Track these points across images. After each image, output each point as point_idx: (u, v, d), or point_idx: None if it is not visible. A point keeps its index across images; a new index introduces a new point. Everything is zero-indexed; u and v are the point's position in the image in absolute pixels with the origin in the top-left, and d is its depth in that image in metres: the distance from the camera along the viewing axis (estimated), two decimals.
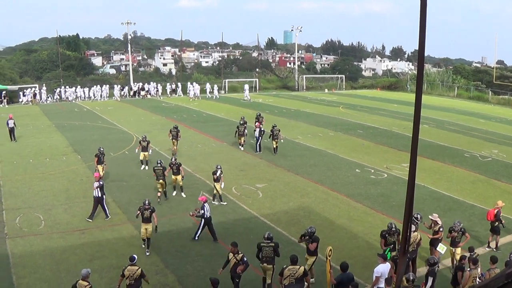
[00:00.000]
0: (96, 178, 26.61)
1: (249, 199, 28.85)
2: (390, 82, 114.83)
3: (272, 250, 18.04)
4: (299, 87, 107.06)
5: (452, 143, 45.02)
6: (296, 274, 16.04)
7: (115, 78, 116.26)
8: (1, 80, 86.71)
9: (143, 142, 35.13)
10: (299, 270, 16.13)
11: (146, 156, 35.17)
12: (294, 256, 16.51)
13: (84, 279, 15.99)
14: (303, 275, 16.17)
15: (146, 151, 35.17)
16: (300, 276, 16.08)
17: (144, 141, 35.14)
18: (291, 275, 16.00)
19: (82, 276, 16.09)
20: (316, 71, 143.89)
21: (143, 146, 35.05)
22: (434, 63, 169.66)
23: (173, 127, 40.51)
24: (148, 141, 35.43)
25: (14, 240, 22.95)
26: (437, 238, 20.15)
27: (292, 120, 58.19)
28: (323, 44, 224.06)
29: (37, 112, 68.19)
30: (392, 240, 18.81)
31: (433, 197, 29.31)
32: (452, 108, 73.79)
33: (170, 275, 19.23)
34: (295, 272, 16.05)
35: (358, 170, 35.22)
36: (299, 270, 16.13)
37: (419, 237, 19.49)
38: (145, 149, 35.10)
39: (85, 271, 16.27)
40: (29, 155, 39.72)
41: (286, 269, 16.12)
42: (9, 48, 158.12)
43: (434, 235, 20.28)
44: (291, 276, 15.99)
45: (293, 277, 15.98)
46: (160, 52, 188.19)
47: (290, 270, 16.09)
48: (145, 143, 35.06)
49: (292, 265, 16.25)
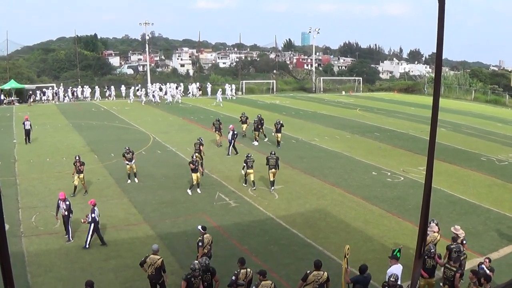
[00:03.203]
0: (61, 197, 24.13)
1: (265, 201, 28.88)
2: (408, 84, 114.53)
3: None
4: (316, 89, 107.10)
5: (469, 146, 44.84)
6: (320, 280, 15.60)
7: (133, 78, 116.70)
8: (19, 79, 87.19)
9: (127, 154, 32.89)
10: (323, 276, 15.68)
11: (133, 168, 33.01)
12: (318, 261, 16.01)
13: (155, 253, 17.35)
14: (326, 280, 15.76)
15: (130, 161, 32.82)
16: (323, 282, 15.67)
17: (128, 153, 32.97)
18: (315, 281, 15.54)
19: (153, 251, 17.42)
20: (334, 73, 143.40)
21: (128, 158, 32.78)
22: (451, 66, 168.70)
23: (216, 119, 42.85)
24: (133, 152, 33.26)
25: (30, 238, 23.13)
26: None
27: (309, 122, 58.23)
28: (340, 46, 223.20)
29: (55, 111, 68.62)
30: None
31: (449, 200, 29.18)
32: (469, 111, 73.47)
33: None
34: (319, 277, 15.60)
35: (375, 172, 35.16)
36: (323, 276, 15.68)
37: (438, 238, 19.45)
38: (130, 161, 32.85)
39: (156, 246, 17.77)
40: (46, 154, 39.97)
41: (311, 275, 15.62)
42: (27, 47, 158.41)
43: None
44: (315, 282, 15.53)
45: (317, 282, 15.51)
46: (177, 53, 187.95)
47: (315, 276, 15.61)
48: (130, 154, 32.91)
49: (316, 270, 15.76)
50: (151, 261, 17.13)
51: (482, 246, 20.80)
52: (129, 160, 32.49)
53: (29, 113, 55.60)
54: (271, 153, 32.11)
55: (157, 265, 17.07)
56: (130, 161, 32.55)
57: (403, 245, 19.37)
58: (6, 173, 32.43)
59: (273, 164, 31.10)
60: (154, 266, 17.06)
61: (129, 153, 32.53)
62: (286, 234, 23.79)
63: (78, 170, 29.29)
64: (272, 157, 31.46)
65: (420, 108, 72.94)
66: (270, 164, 31.15)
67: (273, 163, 31.13)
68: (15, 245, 21.71)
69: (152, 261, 17.11)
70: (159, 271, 17.17)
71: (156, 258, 17.23)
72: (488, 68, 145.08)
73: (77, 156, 30.20)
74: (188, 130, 52.29)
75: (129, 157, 32.45)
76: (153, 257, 17.24)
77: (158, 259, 17.20)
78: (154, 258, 17.23)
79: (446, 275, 17.54)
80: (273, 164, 31.10)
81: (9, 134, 49.13)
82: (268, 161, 31.33)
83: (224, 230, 24.28)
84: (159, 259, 17.25)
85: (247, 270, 16.36)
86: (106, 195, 29.58)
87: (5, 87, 79.47)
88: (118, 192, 30.42)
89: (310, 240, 22.89)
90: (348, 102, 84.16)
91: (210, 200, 28.70)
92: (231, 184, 31.97)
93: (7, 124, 55.19)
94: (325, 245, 22.30)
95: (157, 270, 17.13)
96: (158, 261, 17.14)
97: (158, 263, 17.11)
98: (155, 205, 27.82)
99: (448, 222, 24.50)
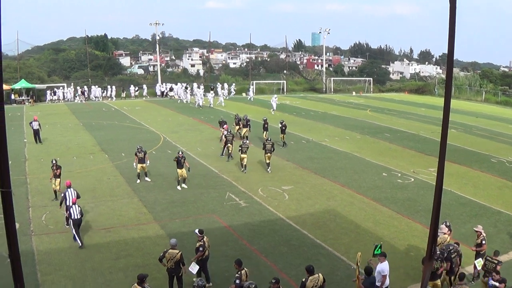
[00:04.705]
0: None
1: (275, 201, 28.82)
2: (418, 85, 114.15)
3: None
4: (326, 90, 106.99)
5: (479, 148, 44.63)
6: (318, 283, 15.60)
7: (143, 78, 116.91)
8: (30, 79, 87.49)
9: (139, 153, 32.64)
10: (320, 279, 15.69)
11: (144, 168, 32.88)
12: (310, 266, 15.91)
13: (173, 248, 17.71)
14: (323, 282, 15.78)
15: (143, 162, 32.72)
16: (322, 284, 15.68)
17: (140, 152, 32.72)
18: (314, 286, 15.52)
19: (171, 245, 17.80)
20: (344, 74, 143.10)
21: (140, 157, 32.55)
22: (462, 67, 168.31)
23: (243, 117, 44.65)
24: (145, 152, 33.04)
25: (40, 237, 23.20)
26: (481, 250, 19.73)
27: (319, 123, 58.15)
28: (351, 47, 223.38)
29: (65, 111, 68.87)
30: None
31: (459, 202, 29.05)
32: (480, 112, 73.16)
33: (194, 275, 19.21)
34: (317, 281, 15.58)
35: (385, 173, 35.07)
36: (320, 278, 15.69)
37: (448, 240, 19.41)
38: (142, 161, 32.65)
39: (174, 241, 18.06)
40: (56, 154, 39.94)
41: (308, 281, 15.54)
42: (38, 47, 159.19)
43: (478, 248, 19.85)
44: (315, 287, 15.53)
45: (316, 287, 15.53)
46: (188, 53, 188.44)
47: (312, 281, 15.56)
48: (142, 154, 32.65)
49: (311, 275, 15.67)
50: (170, 255, 17.43)
51: (492, 249, 20.62)
52: (140, 160, 32.36)
53: (39, 113, 55.90)
54: (268, 139, 36.71)
55: (176, 259, 17.40)
56: (142, 161, 32.43)
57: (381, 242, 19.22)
58: (16, 172, 32.53)
59: (269, 149, 35.47)
60: (173, 260, 17.39)
61: (141, 152, 32.40)
62: (296, 235, 23.76)
63: (55, 175, 28.64)
64: (268, 142, 35.84)
65: (430, 109, 72.87)
66: (267, 149, 35.51)
67: (269, 148, 35.48)
68: (25, 243, 21.82)
69: (171, 256, 17.42)
70: (178, 265, 17.48)
71: (175, 252, 17.53)
72: (499, 69, 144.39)
73: (53, 160, 29.59)
74: (198, 130, 52.34)
75: (141, 156, 32.32)
76: (172, 252, 17.53)
77: (177, 253, 17.50)
78: (173, 252, 17.51)
79: (487, 267, 17.81)
80: (269, 149, 35.47)
81: (19, 133, 49.28)
82: (265, 146, 35.78)
83: (234, 230, 24.29)
84: (178, 252, 17.53)
85: (245, 270, 16.60)
86: (117, 195, 29.64)
87: (15, 87, 79.70)
88: (128, 191, 30.47)
89: (320, 240, 22.86)
90: (359, 102, 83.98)
91: (220, 200, 28.71)
92: (241, 184, 31.96)
93: (18, 123, 55.33)
94: (335, 246, 22.27)
95: (177, 264, 17.44)
96: (177, 255, 17.46)
97: (177, 257, 17.44)
98: (165, 205, 27.85)
99: (458, 224, 24.50)
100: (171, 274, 17.49)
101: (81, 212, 22.86)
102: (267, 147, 35.52)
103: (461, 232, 23.05)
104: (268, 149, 35.49)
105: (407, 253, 21.57)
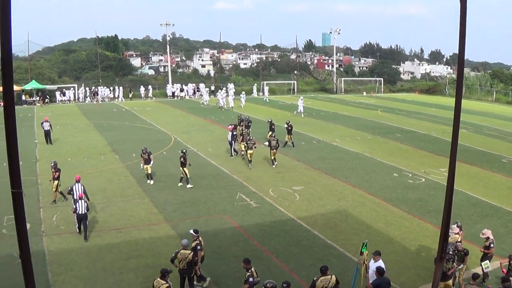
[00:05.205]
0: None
1: (286, 202, 28.76)
2: (429, 85, 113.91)
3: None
4: (337, 90, 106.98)
5: (490, 148, 44.41)
6: (329, 284, 15.30)
7: (154, 79, 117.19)
8: (40, 79, 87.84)
9: (143, 155, 32.57)
10: (331, 280, 15.38)
11: (148, 170, 32.59)
12: (323, 267, 15.71)
13: (185, 248, 17.81)
14: (336, 283, 15.50)
15: (148, 163, 32.53)
16: (334, 286, 15.39)
17: (144, 153, 32.60)
18: (324, 286, 15.27)
19: (183, 246, 17.88)
20: (355, 74, 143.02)
21: (145, 159, 32.45)
22: (472, 67, 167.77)
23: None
24: (149, 153, 32.80)
25: (51, 237, 23.25)
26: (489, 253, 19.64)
27: (330, 123, 58.09)
28: (361, 47, 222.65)
29: (76, 112, 69.16)
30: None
31: (470, 202, 28.91)
32: (491, 112, 72.93)
33: (205, 276, 19.19)
34: (328, 282, 15.30)
35: (396, 174, 34.96)
36: (332, 280, 15.39)
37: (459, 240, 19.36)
38: (148, 162, 32.51)
39: (185, 241, 18.19)
40: (67, 154, 40.24)
41: (318, 281, 15.33)
42: (48, 48, 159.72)
43: (486, 250, 19.71)
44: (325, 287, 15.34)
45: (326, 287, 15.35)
46: (198, 54, 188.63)
47: (323, 281, 15.32)
48: (146, 155, 32.49)
49: (323, 275, 15.46)
50: (182, 256, 17.42)
51: (503, 249, 20.60)
52: (146, 161, 32.35)
53: (50, 114, 56.10)
54: (273, 136, 38.84)
55: (188, 259, 17.38)
56: (147, 162, 32.39)
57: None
58: (27, 173, 32.63)
59: (274, 145, 36.75)
60: (185, 261, 17.36)
61: (145, 154, 32.40)
62: (307, 235, 23.72)
63: (54, 177, 28.51)
64: (273, 139, 37.47)
65: (441, 109, 72.59)
66: (272, 145, 36.84)
67: (274, 144, 36.76)
68: (36, 244, 21.87)
69: (183, 256, 17.40)
70: (190, 265, 17.48)
71: (187, 252, 17.54)
72: (510, 69, 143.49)
73: (52, 162, 29.57)
74: (209, 130, 52.39)
75: (146, 157, 32.30)
76: (183, 252, 17.53)
77: (189, 254, 17.51)
78: (185, 253, 17.52)
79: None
80: (274, 145, 36.75)
81: (30, 134, 49.50)
82: (270, 143, 37.26)
83: (245, 230, 24.27)
84: (190, 253, 17.55)
85: (254, 268, 16.54)
86: (127, 195, 29.69)
87: (26, 88, 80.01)
88: (139, 192, 30.51)
89: (331, 241, 22.81)
90: (369, 103, 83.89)
91: (231, 201, 28.70)
92: (252, 185, 31.95)
93: (29, 124, 55.56)
94: (346, 247, 22.22)
95: (188, 264, 17.43)
96: (189, 256, 17.45)
97: (189, 257, 17.43)
98: (176, 205, 27.87)
99: (469, 224, 24.39)
100: (182, 275, 17.44)
101: (87, 207, 23.21)
102: (272, 144, 36.79)
103: (471, 233, 22.93)
104: (273, 146, 36.69)
105: (418, 253, 21.49)
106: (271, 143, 36.92)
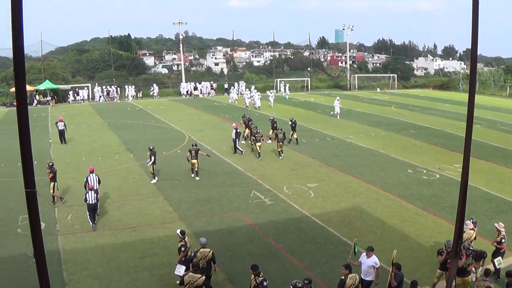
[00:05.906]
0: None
1: (300, 199, 28.73)
2: (442, 81, 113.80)
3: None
4: (351, 87, 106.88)
5: (504, 143, 44.16)
6: (356, 281, 15.57)
7: (167, 77, 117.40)
8: (54, 79, 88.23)
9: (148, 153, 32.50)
10: (357, 277, 15.69)
11: (150, 168, 32.44)
12: (348, 264, 15.95)
13: (204, 246, 17.82)
14: (360, 281, 15.86)
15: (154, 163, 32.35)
16: (357, 284, 15.65)
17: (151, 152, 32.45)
18: (352, 284, 15.46)
19: (201, 244, 17.89)
20: (368, 70, 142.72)
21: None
22: (486, 62, 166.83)
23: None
24: (154, 153, 32.34)
25: (66, 237, 23.35)
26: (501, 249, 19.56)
27: (344, 120, 58.02)
28: (374, 43, 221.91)
29: (90, 111, 69.44)
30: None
31: (485, 198, 28.76)
32: (505, 108, 72.57)
33: (220, 274, 19.13)
34: (354, 280, 15.55)
35: (410, 170, 34.85)
36: (357, 277, 15.72)
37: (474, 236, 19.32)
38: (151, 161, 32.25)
39: (204, 240, 18.24)
40: (82, 154, 40.41)
41: (348, 279, 15.49)
42: (62, 48, 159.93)
43: (498, 245, 19.62)
44: (353, 285, 15.47)
45: (354, 285, 15.47)
46: (211, 52, 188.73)
47: (352, 279, 15.52)
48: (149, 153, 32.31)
49: (350, 273, 15.63)
50: (202, 254, 17.42)
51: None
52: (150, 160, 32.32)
53: (64, 113, 56.31)
54: (279, 129, 39.49)
55: (208, 257, 17.43)
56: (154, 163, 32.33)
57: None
58: (42, 172, 32.62)
59: (281, 138, 38.40)
60: (205, 259, 17.37)
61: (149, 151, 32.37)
62: (322, 232, 23.69)
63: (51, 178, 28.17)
64: (280, 132, 38.78)
65: (455, 104, 72.43)
66: (279, 138, 38.42)
67: (281, 137, 38.39)
68: (51, 243, 22.02)
69: (203, 255, 17.41)
70: (209, 263, 17.50)
71: (206, 251, 17.57)
72: None
73: (48, 164, 29.49)
74: (223, 128, 52.33)
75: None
76: (203, 251, 17.56)
77: (209, 252, 17.54)
78: (205, 251, 17.55)
79: None
80: (281, 138, 38.40)
81: (44, 134, 49.79)
82: (277, 136, 38.74)
83: (260, 228, 24.27)
84: (210, 251, 17.57)
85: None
86: (142, 194, 29.77)
87: (40, 88, 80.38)
88: (153, 190, 30.58)
89: (346, 238, 22.75)
90: (383, 99, 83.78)
91: (245, 198, 28.71)
92: (266, 182, 31.94)
93: (43, 124, 55.94)
94: (361, 244, 22.11)
95: (208, 263, 17.46)
96: (209, 254, 17.49)
97: (209, 255, 17.47)
98: (190, 203, 27.92)
99: (483, 220, 24.26)
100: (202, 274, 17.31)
101: (96, 198, 24.05)
102: (279, 137, 38.43)
103: (486, 229, 22.81)
104: (280, 139, 38.38)
105: (433, 250, 21.34)
106: (278, 136, 38.48)
